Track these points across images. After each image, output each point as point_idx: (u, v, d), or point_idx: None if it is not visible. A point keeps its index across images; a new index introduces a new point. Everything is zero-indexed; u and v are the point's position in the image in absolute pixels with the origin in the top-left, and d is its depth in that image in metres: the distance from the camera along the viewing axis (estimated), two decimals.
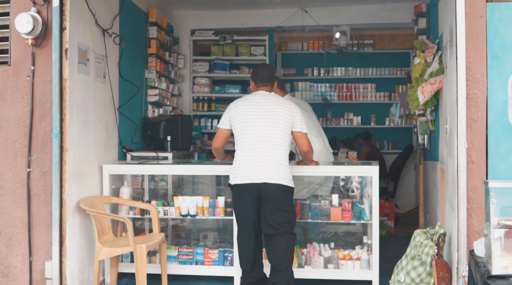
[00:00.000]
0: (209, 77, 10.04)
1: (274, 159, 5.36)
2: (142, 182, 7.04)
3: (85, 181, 6.06)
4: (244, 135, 5.42)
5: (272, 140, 5.37)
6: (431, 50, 6.33)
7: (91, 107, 6.21)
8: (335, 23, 9.72)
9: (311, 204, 6.19)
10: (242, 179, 5.41)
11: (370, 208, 6.04)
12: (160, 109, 8.46)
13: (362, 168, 6.21)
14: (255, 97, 5.56)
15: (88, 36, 6.16)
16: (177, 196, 6.38)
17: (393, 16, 9.52)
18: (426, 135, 7.83)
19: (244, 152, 5.42)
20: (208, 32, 9.91)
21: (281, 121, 5.40)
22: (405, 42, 11.66)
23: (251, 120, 5.40)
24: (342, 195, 6.33)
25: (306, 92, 11.67)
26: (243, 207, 5.45)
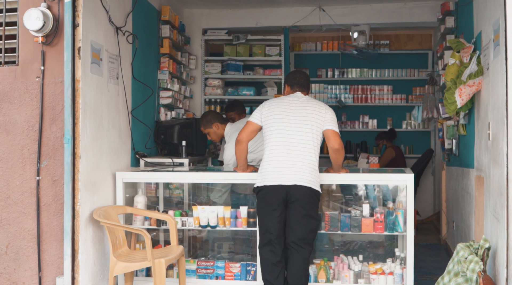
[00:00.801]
0: (221, 78, 9.60)
1: (305, 161, 5.21)
2: (156, 190, 6.63)
3: (98, 190, 5.65)
4: (275, 135, 5.27)
5: (303, 141, 5.23)
6: (467, 50, 5.91)
7: (104, 110, 5.80)
8: (353, 22, 9.32)
9: (340, 215, 5.77)
10: (271, 181, 5.21)
11: (404, 219, 5.64)
12: (173, 112, 8.03)
13: (395, 176, 5.80)
14: (290, 98, 5.43)
15: (102, 34, 5.75)
16: (196, 206, 5.96)
17: (414, 15, 9.13)
18: (455, 140, 7.42)
19: (274, 153, 5.26)
20: (221, 32, 9.48)
21: (312, 122, 5.27)
22: (422, 42, 11.25)
23: (283, 120, 5.27)
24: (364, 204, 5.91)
25: (320, 94, 11.25)
26: (269, 211, 5.23)
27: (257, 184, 5.32)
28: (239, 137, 5.43)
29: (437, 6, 8.92)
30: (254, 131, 5.43)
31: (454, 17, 7.51)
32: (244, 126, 5.49)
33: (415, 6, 9.05)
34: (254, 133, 5.44)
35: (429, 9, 9.01)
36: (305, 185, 5.16)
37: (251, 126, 5.41)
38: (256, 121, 5.39)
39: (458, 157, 7.38)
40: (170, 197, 6.69)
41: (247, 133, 5.42)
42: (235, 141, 5.51)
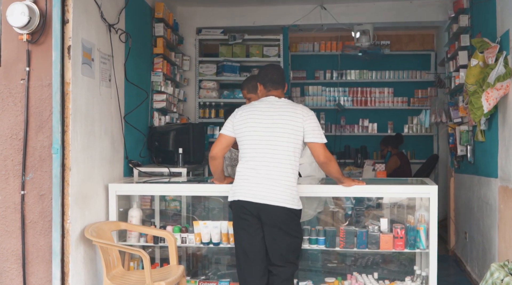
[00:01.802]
0: (216, 80, 9.07)
1: (280, 177, 4.62)
2: (151, 202, 6.09)
3: (89, 204, 5.09)
4: (248, 148, 4.70)
5: (278, 155, 4.64)
6: (492, 50, 5.44)
7: (96, 116, 5.25)
8: (356, 21, 8.83)
9: (356, 231, 5.27)
10: (241, 195, 4.65)
11: (427, 235, 5.15)
12: (166, 116, 7.49)
13: (418, 189, 5.32)
14: (263, 104, 4.78)
15: (93, 32, 5.20)
16: (197, 221, 5.42)
17: (421, 14, 8.69)
18: (470, 146, 6.95)
19: (247, 167, 4.69)
20: (216, 31, 8.95)
21: (289, 133, 4.66)
22: (424, 43, 10.82)
23: (256, 131, 4.68)
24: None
25: (317, 97, 10.77)
26: (244, 226, 4.67)
27: (229, 199, 4.78)
28: (212, 153, 4.82)
29: (445, 4, 8.50)
30: (228, 145, 4.83)
31: (468, 16, 7.04)
32: (216, 139, 4.88)
33: (422, 5, 8.60)
34: (228, 145, 4.84)
35: (436, 8, 8.57)
36: (280, 205, 4.57)
37: (224, 139, 4.80)
38: (228, 133, 4.77)
39: (473, 165, 6.91)
40: (166, 209, 6.17)
41: (221, 148, 4.80)
42: (209, 157, 4.92)
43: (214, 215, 5.98)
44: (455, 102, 7.67)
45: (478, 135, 6.39)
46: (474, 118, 5.44)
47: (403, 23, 9.04)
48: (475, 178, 6.84)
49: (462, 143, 7.18)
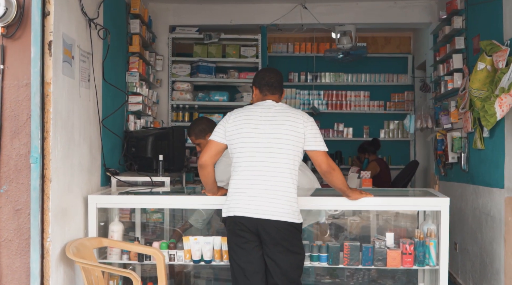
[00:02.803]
0: (190, 81, 8.56)
1: (278, 189, 4.19)
2: (130, 215, 5.56)
3: (69, 219, 4.56)
4: (243, 158, 4.25)
5: (276, 165, 4.20)
6: (503, 53, 5.10)
7: (75, 120, 4.72)
8: (338, 21, 8.45)
9: (362, 246, 4.86)
10: (237, 211, 4.20)
11: (437, 250, 4.79)
12: (141, 120, 6.95)
13: (427, 201, 4.93)
14: (259, 108, 4.33)
15: (73, 27, 4.67)
16: (188, 237, 4.92)
17: (405, 15, 8.37)
18: (464, 154, 6.63)
19: (242, 179, 4.25)
20: (191, 29, 8.46)
21: (289, 140, 4.22)
22: (401, 45, 10.54)
23: (252, 138, 4.24)
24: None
25: (291, 100, 10.38)
26: (241, 244, 4.22)
27: (223, 214, 4.31)
28: (201, 160, 4.35)
29: (430, 6, 8.25)
30: (219, 152, 4.37)
31: (462, 17, 6.72)
32: (206, 146, 4.41)
33: (406, 6, 8.28)
34: (219, 154, 4.38)
35: (422, 9, 8.27)
36: (280, 219, 4.14)
37: (214, 147, 4.33)
38: (220, 139, 4.32)
39: (467, 173, 6.59)
40: (147, 222, 5.65)
41: (210, 155, 4.33)
42: (198, 166, 4.44)
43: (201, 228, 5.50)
44: (445, 107, 7.36)
45: (476, 142, 6.07)
46: (487, 126, 5.09)
47: (386, 24, 8.72)
48: (469, 187, 6.52)
49: (454, 150, 6.86)
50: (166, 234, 5.56)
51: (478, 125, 6.02)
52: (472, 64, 6.34)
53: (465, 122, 6.41)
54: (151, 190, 5.52)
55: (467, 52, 6.61)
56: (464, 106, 6.41)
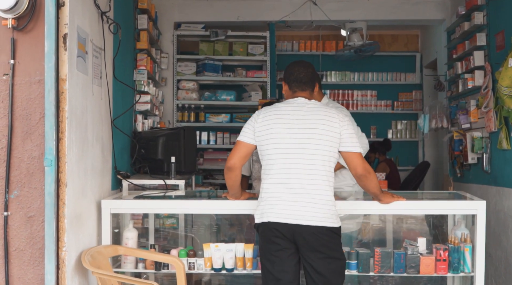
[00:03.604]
0: (196, 80, 8.29)
1: (316, 192, 3.91)
2: (143, 220, 5.27)
3: (83, 226, 4.26)
4: (275, 160, 3.95)
5: (312, 167, 3.92)
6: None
7: (89, 119, 4.41)
8: (349, 18, 8.19)
9: (394, 253, 4.58)
10: (271, 217, 3.91)
11: (473, 257, 4.52)
12: (149, 120, 6.64)
13: (462, 204, 4.67)
14: (291, 107, 4.01)
15: (87, 20, 4.36)
16: (208, 244, 4.62)
17: (418, 12, 8.17)
18: (486, 154, 6.38)
19: (275, 182, 3.95)
20: (197, 26, 8.17)
21: (325, 140, 3.93)
22: (408, 44, 10.30)
23: (284, 139, 3.94)
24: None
25: None
26: (275, 251, 3.93)
27: (256, 220, 4.03)
28: (229, 163, 4.05)
29: (443, 2, 8.00)
30: (248, 154, 4.09)
31: (483, 13, 6.48)
32: (234, 147, 4.12)
33: (418, 2, 8.07)
34: (248, 156, 4.10)
35: (434, 5, 8.05)
36: (318, 224, 3.87)
37: (243, 148, 4.04)
38: (248, 140, 4.02)
39: (490, 175, 6.35)
40: (160, 228, 5.36)
41: (239, 158, 4.04)
42: (225, 168, 4.15)
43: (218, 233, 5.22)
44: (462, 106, 7.11)
45: (502, 142, 5.83)
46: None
47: (398, 21, 8.50)
48: (492, 189, 6.28)
49: (475, 151, 6.61)
50: (181, 240, 5.28)
51: (505, 125, 5.79)
52: (495, 61, 6.11)
53: (488, 121, 6.16)
54: (164, 194, 5.22)
55: (488, 49, 6.36)
56: (487, 105, 6.16)
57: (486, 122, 6.20)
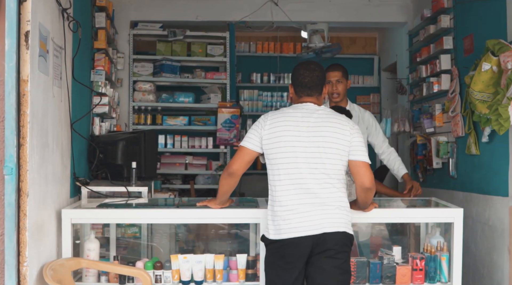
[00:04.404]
0: (153, 81, 7.98)
1: (332, 199, 3.77)
2: (103, 229, 4.99)
3: (44, 237, 3.97)
4: (285, 169, 3.77)
5: (326, 175, 3.76)
6: (511, 54, 4.77)
7: (49, 123, 4.12)
8: (310, 19, 8.04)
9: (369, 262, 4.43)
10: (291, 232, 3.74)
11: (449, 266, 4.43)
12: (106, 123, 6.33)
13: (439, 212, 4.56)
14: (299, 112, 3.84)
15: (48, 17, 4.07)
16: (176, 255, 4.37)
17: (381, 14, 8.06)
18: (452, 159, 6.31)
19: (288, 194, 3.77)
20: (154, 25, 7.88)
21: (337, 148, 3.78)
22: (366, 46, 10.23)
23: (295, 148, 3.76)
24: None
25: (253, 101, 9.90)
26: (285, 268, 3.77)
27: (269, 236, 3.83)
28: (231, 168, 3.88)
29: (406, 5, 7.95)
30: (251, 161, 3.92)
31: (450, 16, 6.41)
32: (237, 153, 3.93)
33: (381, 4, 7.95)
34: (250, 163, 3.93)
35: (397, 8, 7.97)
36: (339, 230, 3.75)
37: (247, 155, 3.86)
38: (253, 147, 3.84)
39: (456, 180, 6.28)
40: (122, 237, 5.09)
41: (242, 164, 3.88)
42: (224, 172, 3.98)
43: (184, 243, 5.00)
44: (426, 110, 7.05)
45: (471, 147, 5.76)
46: (500, 131, 4.74)
47: (360, 23, 8.40)
48: (458, 194, 6.21)
49: (440, 156, 6.54)
50: (143, 250, 5.03)
51: (474, 130, 5.72)
52: (462, 65, 6.05)
53: (455, 126, 6.09)
54: (126, 202, 4.96)
55: (455, 52, 6.30)
56: (454, 109, 6.10)
57: (453, 127, 6.13)
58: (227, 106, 7.94)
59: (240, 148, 3.90)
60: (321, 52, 8.15)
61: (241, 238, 4.96)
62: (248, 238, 4.77)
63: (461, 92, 6.06)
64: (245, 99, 9.88)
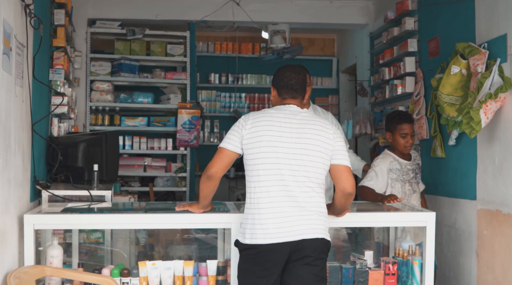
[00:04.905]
0: (111, 81, 7.79)
1: (313, 204, 3.70)
2: (65, 234, 4.78)
3: (7, 245, 3.77)
4: (265, 171, 3.66)
5: (308, 179, 3.68)
6: (481, 57, 4.78)
7: (12, 125, 3.91)
8: (271, 20, 7.96)
9: (342, 267, 4.37)
10: (268, 237, 3.63)
11: (422, 270, 4.39)
12: (64, 124, 6.10)
13: (412, 216, 4.52)
14: (282, 114, 3.75)
15: (12, 12, 3.87)
16: (144, 262, 4.22)
17: (342, 16, 8.07)
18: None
19: (267, 196, 3.66)
20: (113, 24, 7.69)
21: (319, 152, 3.69)
22: (325, 48, 10.22)
23: (277, 148, 3.66)
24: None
25: (211, 102, 9.76)
26: (261, 275, 3.65)
27: (245, 241, 3.70)
28: (210, 171, 3.74)
29: (366, 6, 7.95)
30: (230, 163, 3.79)
31: (414, 19, 6.41)
32: (216, 154, 3.79)
33: (342, 6, 7.95)
34: (230, 165, 3.81)
35: (358, 10, 7.99)
36: (318, 236, 3.67)
37: (226, 157, 3.74)
38: (234, 148, 3.72)
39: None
40: (84, 243, 4.89)
41: (222, 167, 3.75)
42: (203, 175, 3.83)
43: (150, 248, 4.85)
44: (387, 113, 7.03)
45: (436, 150, 5.77)
46: (471, 134, 4.73)
47: (321, 25, 8.38)
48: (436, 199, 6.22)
49: None
50: (107, 256, 4.84)
51: (440, 133, 5.73)
52: (427, 68, 6.06)
53: (419, 128, 6.10)
54: (89, 206, 4.79)
55: (420, 55, 6.31)
56: (419, 112, 6.10)
57: (418, 130, 6.13)
58: (187, 107, 7.80)
59: (219, 149, 3.77)
60: (283, 53, 8.08)
61: (207, 244, 4.84)
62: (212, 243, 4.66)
63: (426, 95, 6.07)
64: (203, 100, 9.75)
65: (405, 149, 5.21)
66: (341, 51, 9.97)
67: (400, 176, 5.19)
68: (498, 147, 4.76)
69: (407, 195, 5.17)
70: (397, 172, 5.18)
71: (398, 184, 5.16)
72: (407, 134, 5.17)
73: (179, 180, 7.96)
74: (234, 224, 4.10)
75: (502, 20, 4.70)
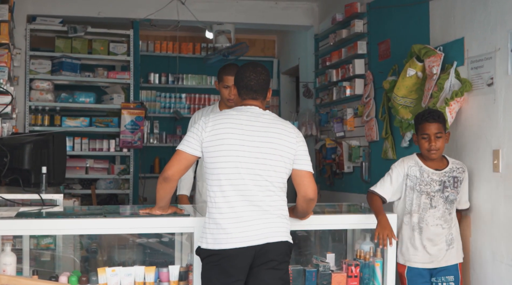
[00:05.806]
0: (52, 80, 7.53)
1: (275, 208, 3.62)
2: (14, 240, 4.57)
3: None
4: (227, 175, 3.57)
5: (268, 183, 3.59)
6: (436, 59, 4.86)
7: None
8: (217, 19, 7.89)
9: (305, 271, 4.34)
10: (231, 242, 3.54)
11: (383, 272, 4.42)
12: (6, 124, 5.85)
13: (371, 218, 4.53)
14: (243, 116, 3.64)
15: None
16: (103, 268, 4.05)
17: (288, 17, 8.09)
18: (365, 163, 6.38)
19: (229, 201, 3.57)
20: (53, 20, 7.44)
21: (281, 157, 3.62)
22: (265, 49, 10.20)
23: (238, 152, 3.56)
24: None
25: (151, 102, 9.57)
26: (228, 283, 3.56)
27: (208, 246, 3.60)
28: (167, 173, 3.61)
29: (312, 8, 8.06)
30: (189, 166, 3.68)
31: (363, 21, 6.47)
32: (173, 157, 3.66)
33: (288, 7, 7.96)
34: (188, 168, 3.69)
35: (303, 11, 8.02)
36: (281, 239, 3.61)
37: (184, 159, 3.62)
38: (193, 151, 3.60)
39: (369, 184, 6.32)
40: (35, 249, 4.69)
41: (179, 170, 3.63)
42: (160, 177, 3.71)
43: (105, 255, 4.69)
44: (335, 114, 7.09)
45: (387, 152, 5.84)
46: None
47: (266, 25, 8.38)
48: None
49: (353, 160, 6.60)
50: (59, 262, 4.65)
51: (391, 134, 5.80)
52: (377, 70, 6.13)
53: (369, 130, 6.17)
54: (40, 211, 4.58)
55: (369, 57, 6.37)
56: (368, 114, 6.16)
57: (367, 131, 6.20)
58: (130, 107, 7.62)
59: (177, 152, 3.65)
60: (228, 53, 8.01)
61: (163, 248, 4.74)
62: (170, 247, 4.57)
63: (375, 97, 6.13)
64: (142, 100, 9.54)
65: (429, 153, 4.39)
66: (282, 52, 9.97)
67: (417, 185, 4.45)
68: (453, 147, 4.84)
69: (421, 208, 4.44)
70: (415, 179, 4.46)
71: (413, 194, 4.46)
72: (429, 135, 4.35)
73: (122, 182, 7.76)
74: (197, 228, 4.00)
75: (458, 24, 4.78)
